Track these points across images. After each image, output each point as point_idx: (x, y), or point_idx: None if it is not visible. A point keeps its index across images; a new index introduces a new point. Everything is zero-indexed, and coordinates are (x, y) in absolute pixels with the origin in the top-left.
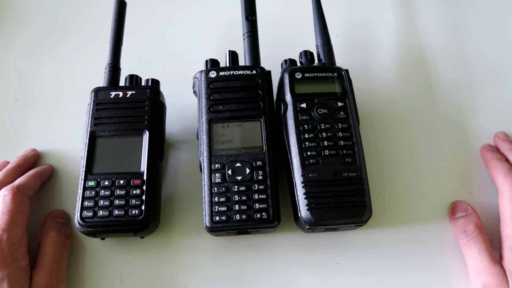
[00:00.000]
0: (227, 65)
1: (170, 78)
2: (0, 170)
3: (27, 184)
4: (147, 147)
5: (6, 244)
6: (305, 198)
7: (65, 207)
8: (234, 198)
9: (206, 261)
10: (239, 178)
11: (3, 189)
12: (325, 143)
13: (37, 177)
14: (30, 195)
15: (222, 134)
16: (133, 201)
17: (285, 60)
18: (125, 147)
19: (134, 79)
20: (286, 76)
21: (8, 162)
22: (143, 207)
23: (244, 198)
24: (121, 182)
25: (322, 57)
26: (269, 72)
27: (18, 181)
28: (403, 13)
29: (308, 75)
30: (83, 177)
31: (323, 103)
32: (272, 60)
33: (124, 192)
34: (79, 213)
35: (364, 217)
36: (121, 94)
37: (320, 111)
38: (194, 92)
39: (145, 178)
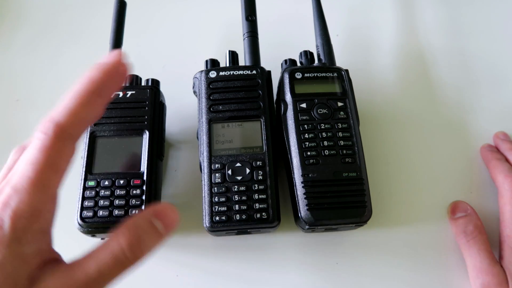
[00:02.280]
0: (227, 65)
1: (170, 78)
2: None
3: (73, 119)
4: (147, 147)
5: (13, 214)
6: (305, 198)
7: (65, 207)
8: (234, 198)
9: (206, 261)
10: (239, 178)
11: (40, 127)
12: (325, 143)
13: (86, 99)
14: (78, 136)
15: (222, 134)
16: (133, 201)
17: (285, 60)
18: (125, 147)
19: (134, 79)
20: (286, 76)
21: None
22: (143, 207)
23: (244, 198)
24: (121, 182)
25: (322, 57)
26: (269, 72)
27: (60, 114)
28: (403, 13)
29: (308, 75)
30: (83, 177)
31: (323, 103)
32: (272, 60)
33: (124, 192)
34: (79, 213)
35: (364, 217)
36: (121, 94)
37: (320, 111)
38: (194, 92)
39: (145, 178)
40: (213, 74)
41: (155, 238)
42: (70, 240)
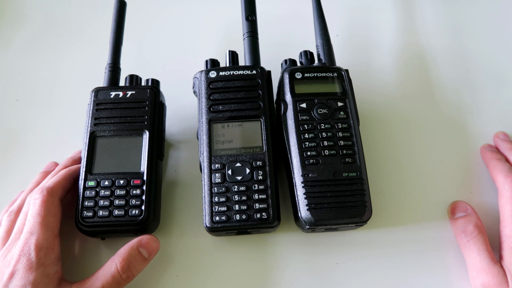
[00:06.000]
0: (227, 65)
1: (170, 78)
2: (46, 170)
3: (57, 185)
4: (147, 147)
5: (34, 248)
6: (305, 198)
7: (65, 207)
8: (234, 198)
9: (206, 261)
10: (239, 178)
11: (34, 192)
12: (325, 143)
13: (68, 176)
14: (61, 196)
15: (222, 134)
16: (133, 201)
17: (285, 60)
18: (125, 147)
19: (134, 79)
20: (286, 76)
21: (57, 164)
22: (143, 207)
23: (244, 198)
24: (121, 182)
25: (322, 57)
26: (269, 72)
27: (48, 182)
28: (403, 13)
29: (308, 75)
30: (83, 177)
31: (323, 103)
32: (272, 60)
33: (124, 192)
34: (79, 213)
35: (364, 217)
36: (121, 94)
37: (320, 111)
38: (194, 92)
39: (145, 178)
40: (213, 74)
41: (141, 262)
42: (70, 239)
